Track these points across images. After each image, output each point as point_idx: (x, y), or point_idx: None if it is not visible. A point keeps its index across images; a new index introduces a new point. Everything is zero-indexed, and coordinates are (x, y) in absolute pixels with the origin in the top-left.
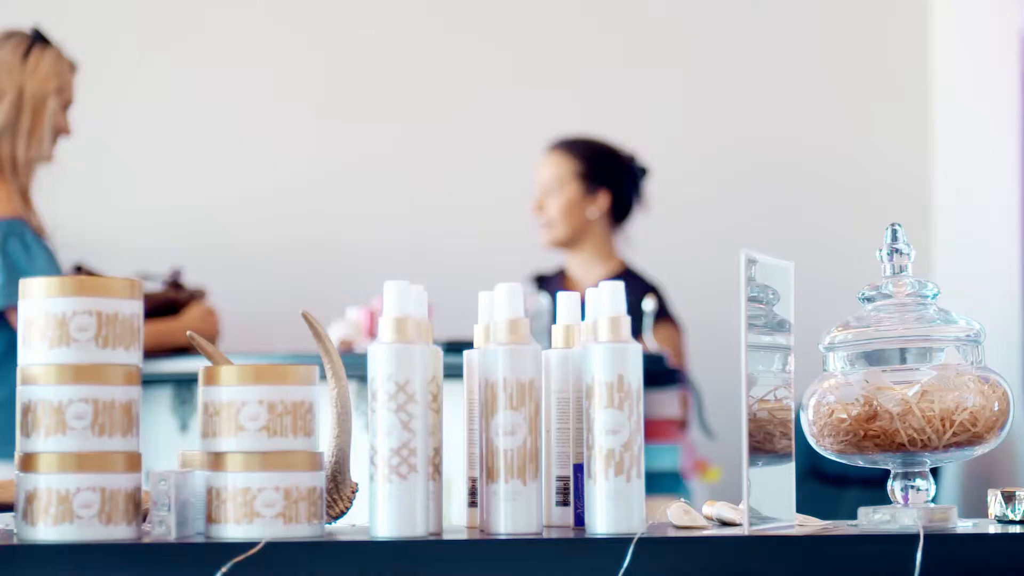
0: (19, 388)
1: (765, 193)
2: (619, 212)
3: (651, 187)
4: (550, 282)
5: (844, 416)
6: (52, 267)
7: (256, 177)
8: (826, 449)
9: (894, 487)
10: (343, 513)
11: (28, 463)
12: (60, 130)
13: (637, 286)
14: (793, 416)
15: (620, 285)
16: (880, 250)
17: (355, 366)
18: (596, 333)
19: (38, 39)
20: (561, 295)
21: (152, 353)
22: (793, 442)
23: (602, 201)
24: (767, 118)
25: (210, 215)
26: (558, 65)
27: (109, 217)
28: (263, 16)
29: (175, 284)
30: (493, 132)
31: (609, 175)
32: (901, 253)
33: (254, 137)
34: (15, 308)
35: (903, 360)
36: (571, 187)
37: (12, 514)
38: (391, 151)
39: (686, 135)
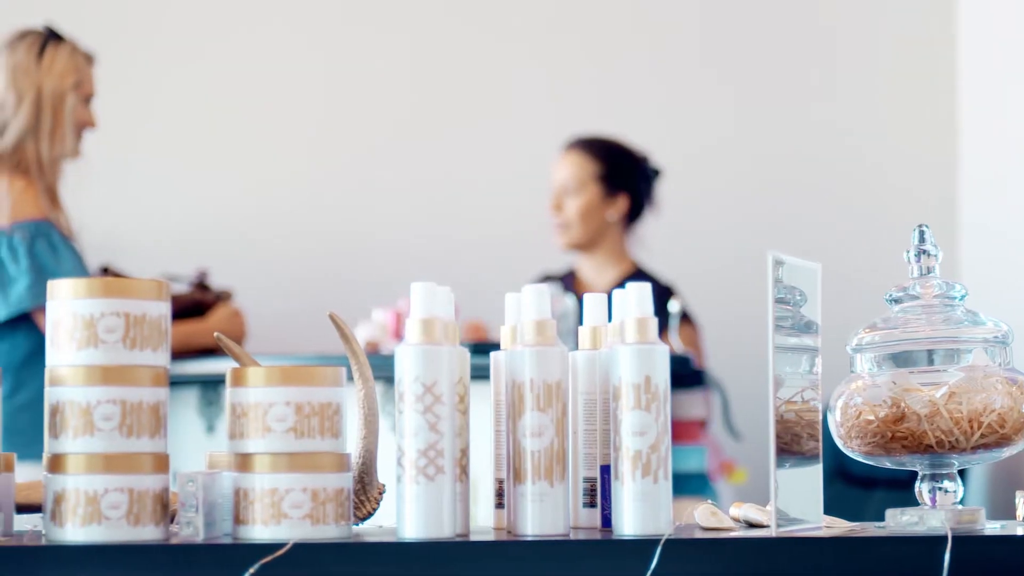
0: (47, 389)
1: (791, 195)
2: (633, 214)
3: (669, 188)
4: (558, 284)
5: (872, 418)
6: (79, 268)
7: (282, 178)
8: (854, 451)
9: (922, 489)
10: (370, 514)
11: (56, 464)
12: (84, 124)
13: (652, 288)
14: (820, 418)
15: (647, 286)
16: (907, 251)
17: (381, 367)
18: (623, 334)
19: (51, 36)
20: (588, 296)
21: (179, 355)
22: (820, 444)
23: (621, 204)
24: (792, 119)
25: (236, 216)
26: (573, 62)
27: (135, 218)
28: (291, 15)
29: (201, 285)
30: (507, 131)
31: (628, 178)
32: (928, 254)
33: (280, 138)
34: (43, 309)
35: (931, 362)
36: (591, 189)
37: (40, 515)
38: (416, 151)
39: (704, 135)
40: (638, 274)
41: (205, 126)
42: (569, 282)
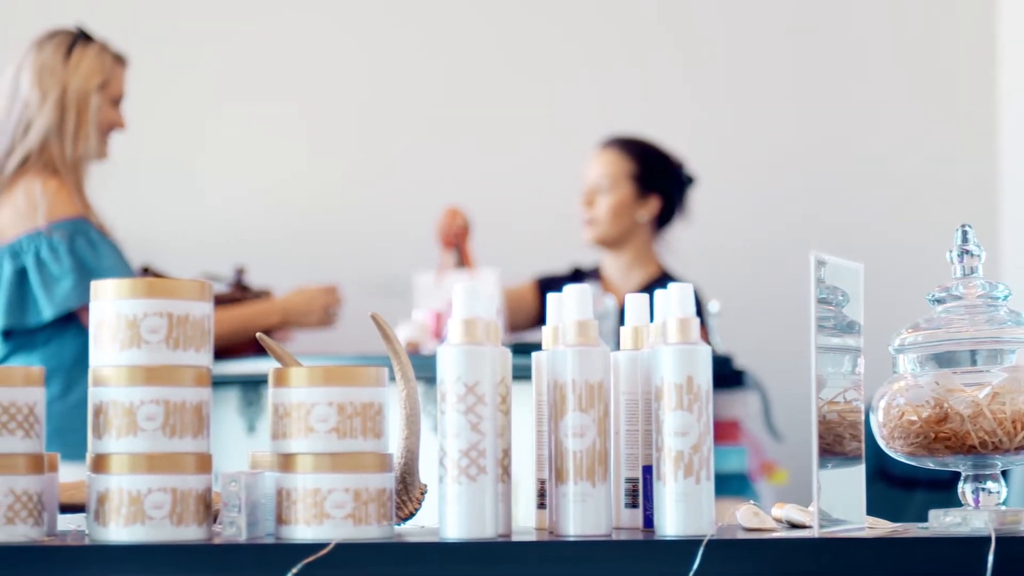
0: (90, 389)
1: (832, 196)
2: (663, 218)
3: (706, 188)
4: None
5: (914, 418)
6: (120, 263)
7: (319, 177)
8: (896, 451)
9: (965, 489)
10: (412, 514)
11: (100, 464)
12: (112, 125)
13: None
14: (863, 418)
15: (689, 287)
16: (950, 251)
17: (422, 367)
18: (665, 335)
19: (81, 37)
20: (630, 297)
21: (229, 350)
22: (863, 444)
23: (652, 206)
24: (832, 120)
25: (273, 215)
26: (611, 64)
27: (170, 217)
28: (327, 13)
29: (240, 284)
30: (540, 128)
31: (661, 180)
32: (971, 254)
33: (317, 136)
34: (88, 308)
35: (973, 362)
36: (624, 188)
37: (84, 515)
38: (450, 150)
39: (742, 137)
40: (664, 277)
41: (240, 125)
42: (593, 281)
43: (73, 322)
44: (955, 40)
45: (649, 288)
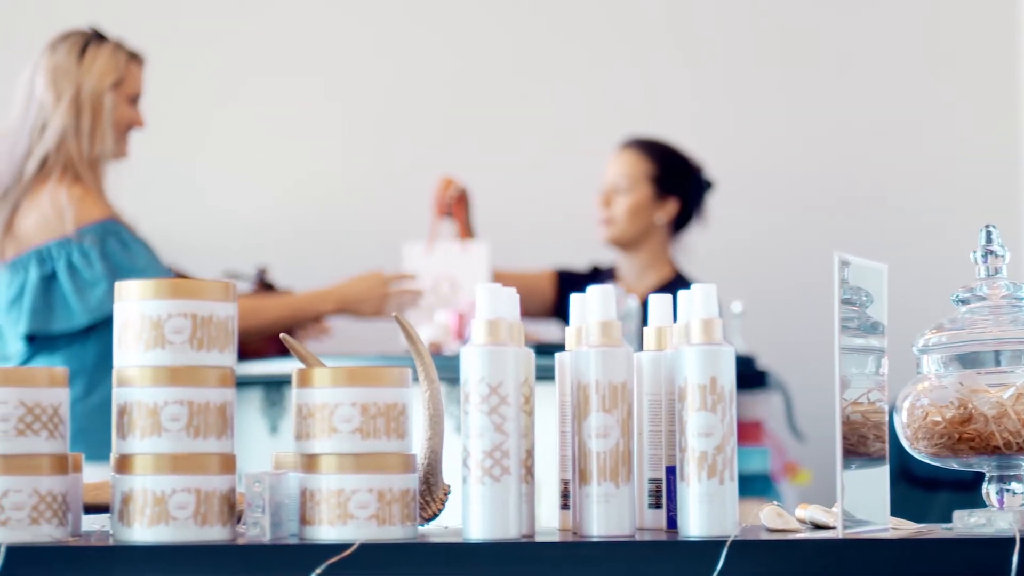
0: (115, 390)
1: (855, 196)
2: (681, 221)
3: (726, 187)
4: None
5: (939, 419)
6: (153, 260)
7: (339, 176)
8: (920, 452)
9: (989, 490)
10: (436, 515)
11: (124, 464)
12: (129, 123)
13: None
14: (887, 419)
15: (712, 288)
16: (974, 252)
17: (444, 368)
18: (688, 335)
19: (94, 37)
20: (654, 297)
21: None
22: (887, 445)
23: (670, 208)
24: (855, 120)
25: (295, 215)
26: (631, 62)
27: (192, 217)
28: (349, 13)
29: (263, 283)
30: (560, 125)
31: (680, 183)
32: (996, 255)
33: (337, 135)
34: None
35: (998, 363)
36: (642, 189)
37: (108, 515)
38: (472, 149)
39: (763, 138)
40: (678, 280)
41: (261, 124)
42: (608, 281)
43: (99, 324)
44: (978, 39)
45: (662, 290)
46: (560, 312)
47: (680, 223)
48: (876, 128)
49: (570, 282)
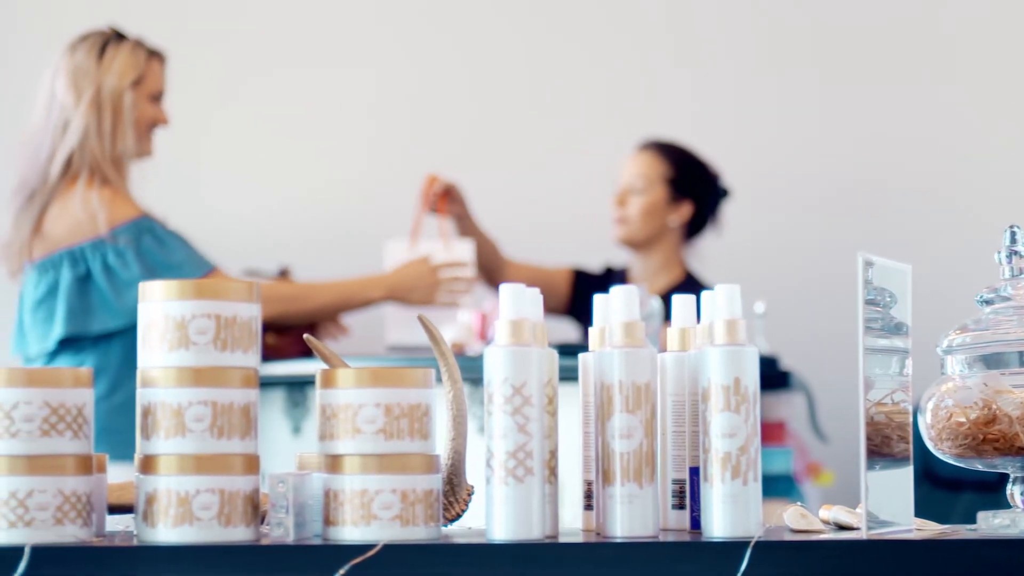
0: (139, 390)
1: (879, 196)
2: (694, 227)
3: (748, 186)
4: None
5: (963, 420)
6: (192, 254)
7: (361, 176)
8: (944, 453)
9: (1013, 491)
10: (459, 516)
11: (148, 465)
12: (151, 121)
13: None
14: (911, 420)
15: (736, 288)
16: (998, 252)
17: (467, 369)
18: (712, 336)
19: (113, 37)
20: (677, 298)
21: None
22: (911, 446)
23: (684, 211)
24: (878, 120)
25: (316, 214)
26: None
27: (213, 216)
28: (368, 15)
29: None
30: (577, 124)
31: (695, 187)
32: (1020, 255)
33: (357, 136)
34: None
35: (1022, 363)
36: (657, 190)
37: (132, 515)
38: (492, 144)
39: (787, 137)
40: (689, 282)
41: (283, 121)
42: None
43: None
44: (1001, 35)
45: (671, 292)
46: (573, 311)
47: (694, 227)
48: (899, 128)
49: (585, 282)
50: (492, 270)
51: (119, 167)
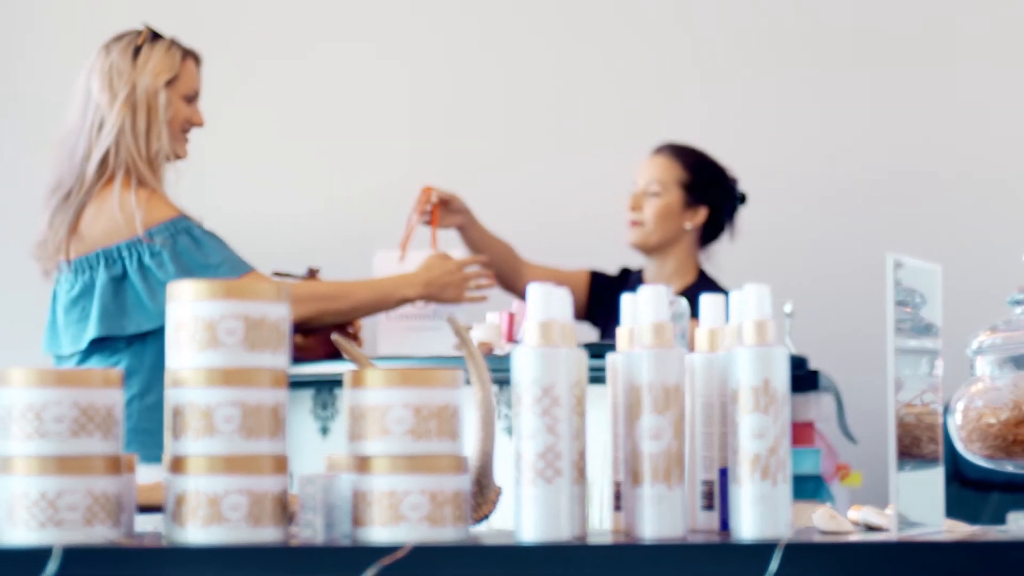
0: (168, 391)
1: (909, 195)
2: (710, 232)
3: (774, 185)
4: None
5: (993, 421)
6: (229, 255)
7: (388, 178)
8: (975, 454)
9: None
10: (487, 516)
11: (177, 465)
12: (186, 122)
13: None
14: (941, 421)
15: (766, 288)
16: None
17: (494, 369)
18: (741, 337)
19: (149, 36)
20: (705, 298)
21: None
22: (941, 447)
23: (700, 216)
24: (907, 118)
25: (345, 216)
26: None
27: (241, 217)
28: (395, 18)
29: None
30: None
31: (711, 192)
32: None
33: (382, 139)
34: None
35: None
36: (673, 194)
37: (161, 516)
38: (515, 148)
39: (815, 134)
40: (701, 283)
41: (309, 124)
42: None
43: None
44: None
45: (684, 295)
46: (588, 313)
47: (710, 232)
48: (929, 128)
49: (601, 284)
50: (509, 274)
51: (154, 167)
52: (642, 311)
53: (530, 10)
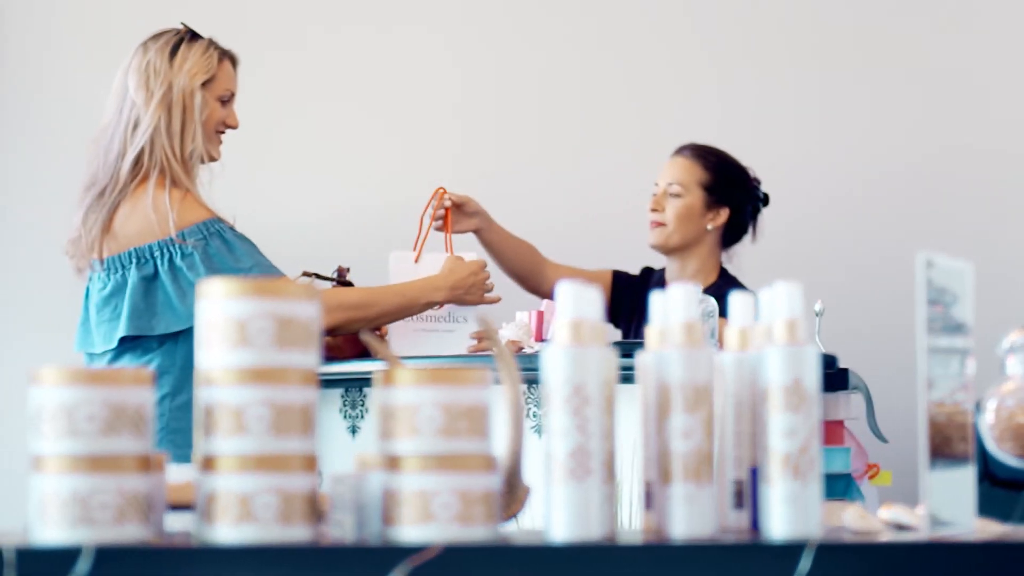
0: (198, 390)
1: (940, 192)
2: (732, 233)
3: (803, 183)
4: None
5: None
6: (260, 259)
7: (414, 178)
8: (1006, 453)
9: None
10: (516, 515)
11: (208, 464)
12: (223, 124)
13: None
14: (972, 420)
15: (797, 287)
16: None
17: (524, 368)
18: (772, 336)
19: (187, 36)
20: (735, 296)
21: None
22: (972, 446)
23: (721, 217)
24: (937, 113)
25: (373, 216)
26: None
27: (270, 218)
28: (426, 19)
29: (344, 283)
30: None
31: (734, 194)
32: None
33: (409, 140)
34: None
35: None
36: (695, 195)
37: (191, 515)
38: (534, 148)
39: (839, 131)
40: (722, 282)
41: (337, 124)
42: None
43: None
44: None
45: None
46: (610, 314)
47: (731, 233)
48: (955, 125)
49: (624, 284)
50: (533, 274)
51: (187, 168)
52: (672, 310)
53: (548, 13)
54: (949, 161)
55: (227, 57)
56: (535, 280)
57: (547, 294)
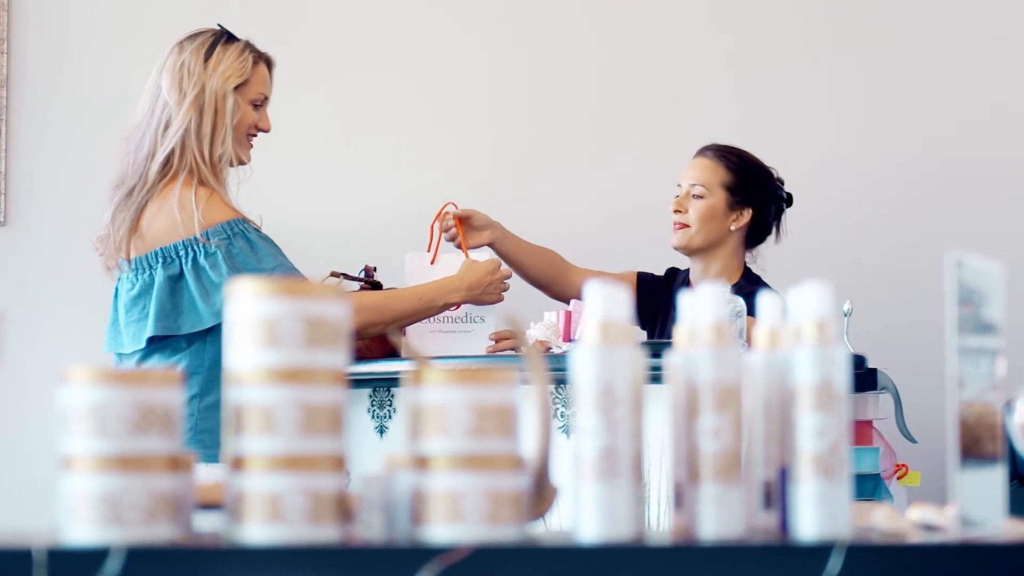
0: (227, 390)
1: (965, 191)
2: (755, 234)
3: (830, 182)
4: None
5: None
6: (283, 261)
7: (437, 177)
8: None
9: None
10: (545, 515)
11: (237, 464)
12: (256, 128)
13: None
14: (1001, 420)
15: (827, 287)
16: None
17: (552, 368)
18: (801, 336)
19: (222, 37)
20: (764, 296)
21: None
22: (1002, 446)
23: (744, 218)
24: (963, 109)
25: (400, 215)
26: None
27: (297, 218)
28: (452, 19)
29: (371, 282)
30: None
31: (757, 194)
32: None
33: (436, 140)
34: None
35: None
36: (718, 195)
37: (220, 515)
38: (553, 151)
39: (866, 129)
40: (749, 282)
41: (363, 125)
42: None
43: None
44: None
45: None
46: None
47: (755, 233)
48: (978, 124)
49: (648, 285)
50: (556, 279)
51: (216, 171)
52: (701, 310)
53: (567, 16)
54: (975, 159)
55: (262, 60)
56: (559, 286)
57: (570, 299)
